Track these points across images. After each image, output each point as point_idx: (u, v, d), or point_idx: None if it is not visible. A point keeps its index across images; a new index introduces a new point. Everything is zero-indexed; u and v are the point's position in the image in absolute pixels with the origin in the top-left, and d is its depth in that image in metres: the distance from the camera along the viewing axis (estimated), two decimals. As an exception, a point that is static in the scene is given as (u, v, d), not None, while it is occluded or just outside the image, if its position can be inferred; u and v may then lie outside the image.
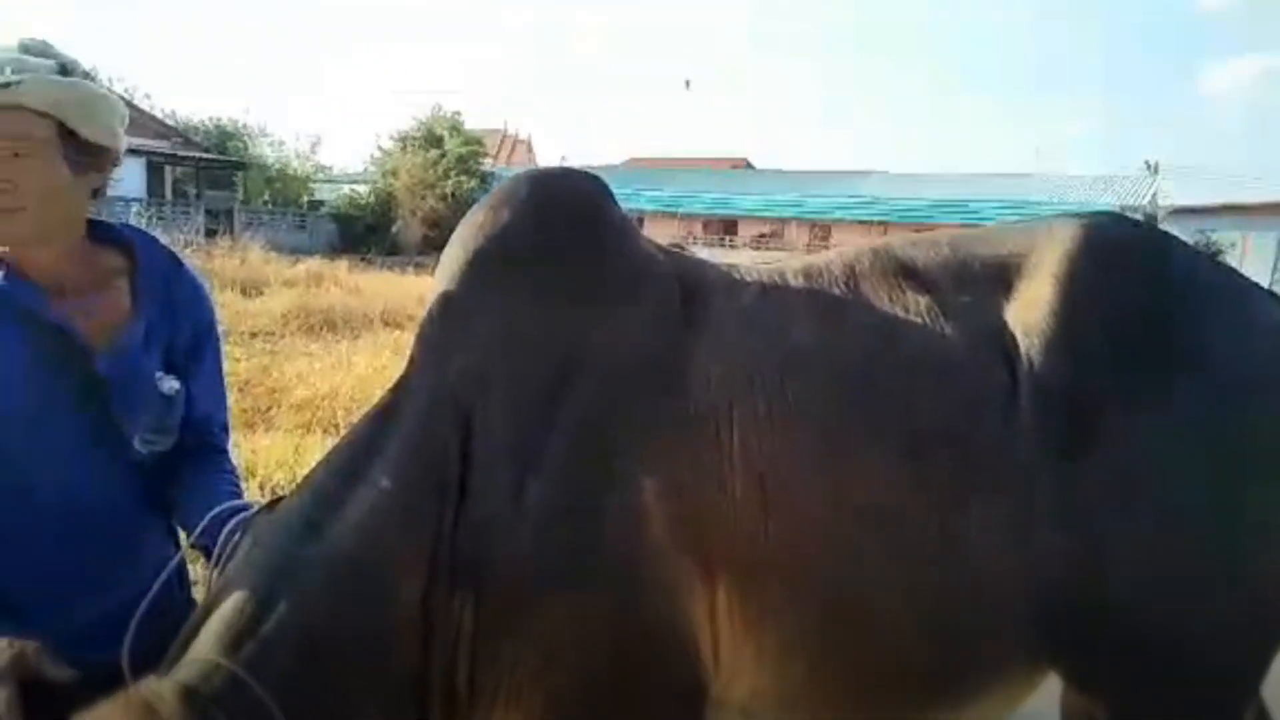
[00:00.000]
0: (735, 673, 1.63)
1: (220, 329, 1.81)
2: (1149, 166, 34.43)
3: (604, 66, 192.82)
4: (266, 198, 33.42)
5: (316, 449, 5.56)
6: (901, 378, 1.63)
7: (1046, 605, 1.58)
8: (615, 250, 1.73)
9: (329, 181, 38.48)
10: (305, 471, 1.72)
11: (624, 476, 1.51)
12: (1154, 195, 31.68)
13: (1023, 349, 1.61)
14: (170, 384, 1.63)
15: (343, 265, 19.36)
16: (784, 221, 35.79)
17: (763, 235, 35.23)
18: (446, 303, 1.68)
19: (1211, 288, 1.70)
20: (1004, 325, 1.65)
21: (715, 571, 1.55)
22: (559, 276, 1.67)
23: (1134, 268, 1.69)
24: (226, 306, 12.41)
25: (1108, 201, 31.13)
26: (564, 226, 1.73)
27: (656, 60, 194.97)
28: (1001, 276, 1.70)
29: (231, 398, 6.99)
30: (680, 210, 37.30)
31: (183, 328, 1.68)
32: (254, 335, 10.81)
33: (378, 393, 4.16)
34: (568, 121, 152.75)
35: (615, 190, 1.88)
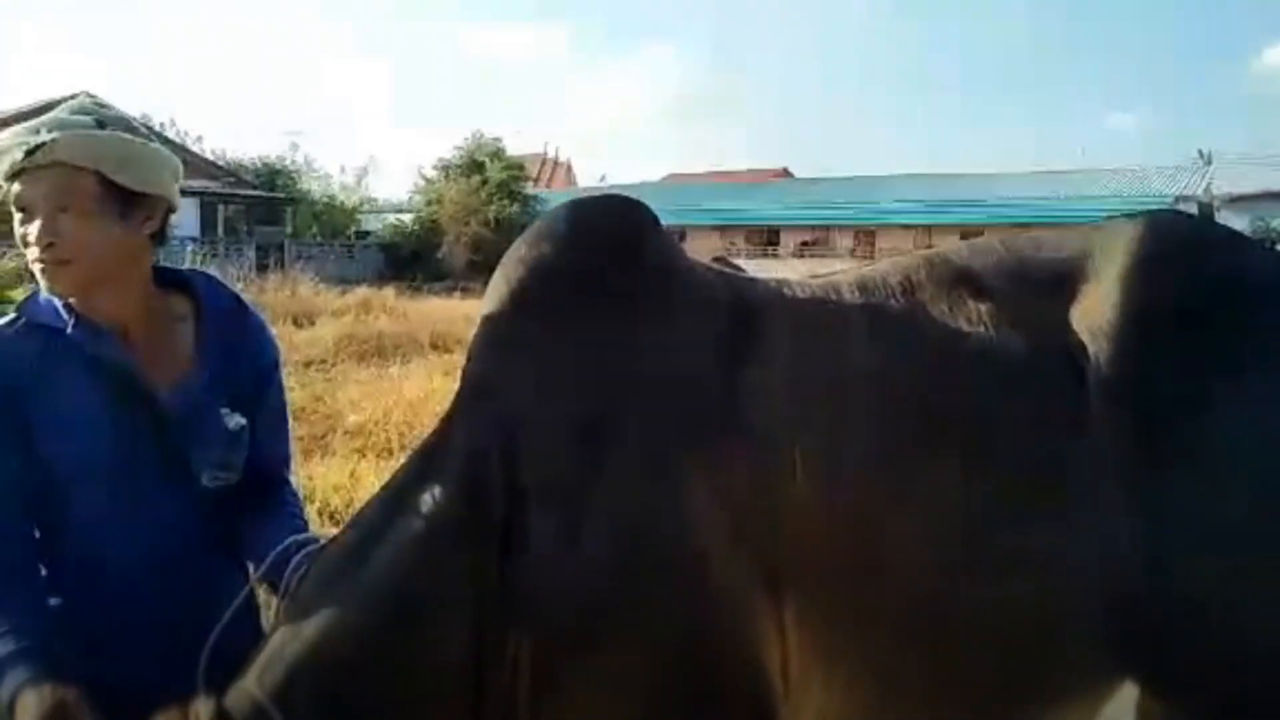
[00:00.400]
0: (804, 695, 1.59)
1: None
2: (1201, 156, 33.62)
3: (640, 89, 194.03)
4: (314, 230, 34.11)
5: (371, 473, 5.62)
6: (966, 389, 1.59)
7: (1127, 615, 1.52)
8: (657, 277, 1.70)
9: (375, 212, 39.25)
10: (362, 495, 1.74)
11: (676, 502, 1.49)
12: (1209, 185, 30.89)
13: (1091, 354, 1.56)
14: (236, 420, 1.67)
15: (390, 293, 19.67)
16: (828, 229, 35.55)
17: (806, 243, 35.00)
18: (489, 338, 1.67)
19: (1274, 276, 1.65)
20: (1070, 330, 1.60)
21: (781, 591, 1.51)
22: (601, 307, 1.64)
23: (1200, 266, 1.64)
24: (280, 338, 12.69)
25: (1162, 193, 30.39)
26: (604, 255, 1.70)
27: (692, 80, 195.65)
28: (1064, 280, 1.65)
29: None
30: (722, 223, 37.29)
31: (246, 367, 1.72)
32: (307, 365, 11.02)
33: (429, 416, 4.35)
34: (605, 142, 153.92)
35: (655, 207, 1.85)
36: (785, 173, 50.16)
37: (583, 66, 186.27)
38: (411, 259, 32.67)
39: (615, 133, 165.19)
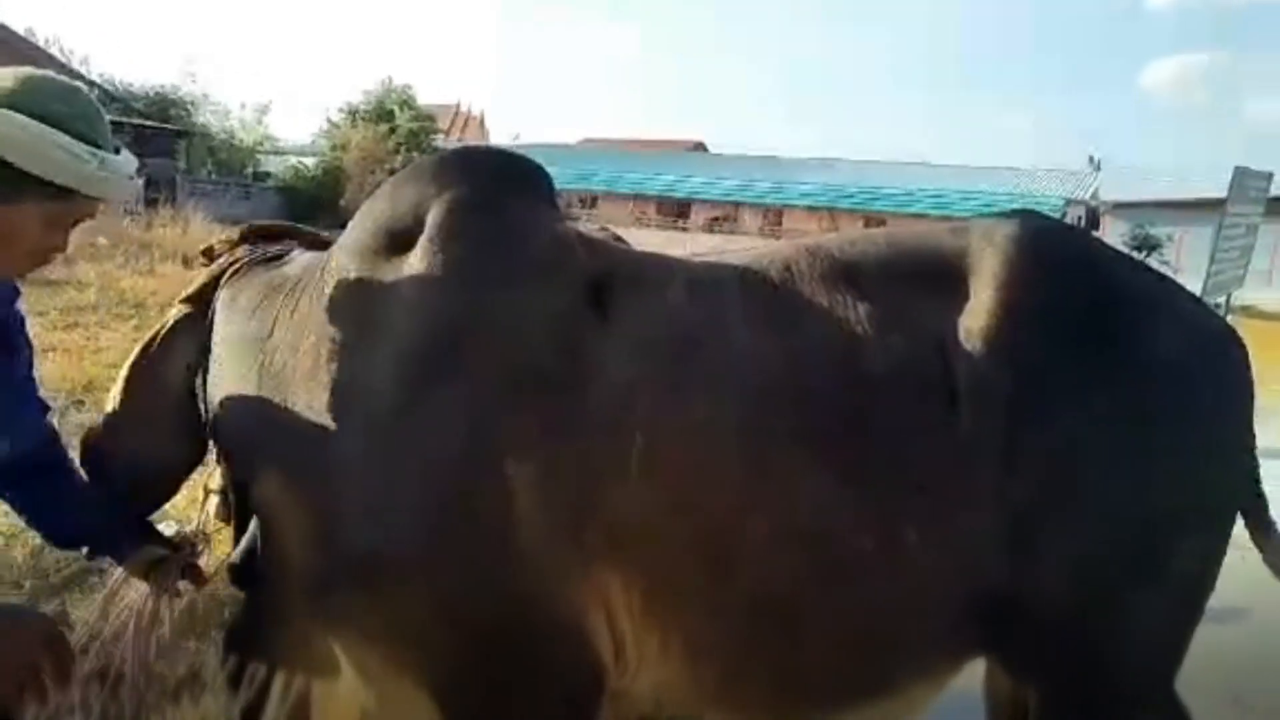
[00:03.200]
0: (641, 665, 1.65)
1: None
2: (1092, 162, 35.15)
3: (562, 45, 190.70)
4: (209, 167, 32.43)
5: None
6: (833, 384, 1.61)
7: (984, 603, 1.62)
8: (519, 238, 1.68)
9: (276, 153, 37.47)
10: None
11: (493, 465, 1.51)
12: (1096, 190, 32.38)
13: (963, 353, 1.62)
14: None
15: (288, 239, 18.76)
16: (737, 206, 35.85)
17: (716, 219, 35.24)
18: (339, 281, 1.70)
19: (1140, 292, 1.74)
20: (943, 329, 1.65)
21: (607, 566, 1.55)
22: (452, 262, 1.63)
23: (1069, 273, 1.72)
24: (168, 278, 12.02)
25: (1053, 194, 31.69)
26: (467, 210, 1.68)
27: (614, 40, 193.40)
28: (941, 279, 1.70)
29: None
30: (634, 192, 37.16)
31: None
32: (195, 307, 10.51)
33: None
34: (522, 100, 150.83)
35: (569, 170, 1.99)
36: (699, 146, 50.25)
37: (504, 21, 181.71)
38: (312, 204, 31.39)
39: (533, 92, 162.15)
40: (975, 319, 1.63)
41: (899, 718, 1.85)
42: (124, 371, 1.84)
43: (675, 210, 36.35)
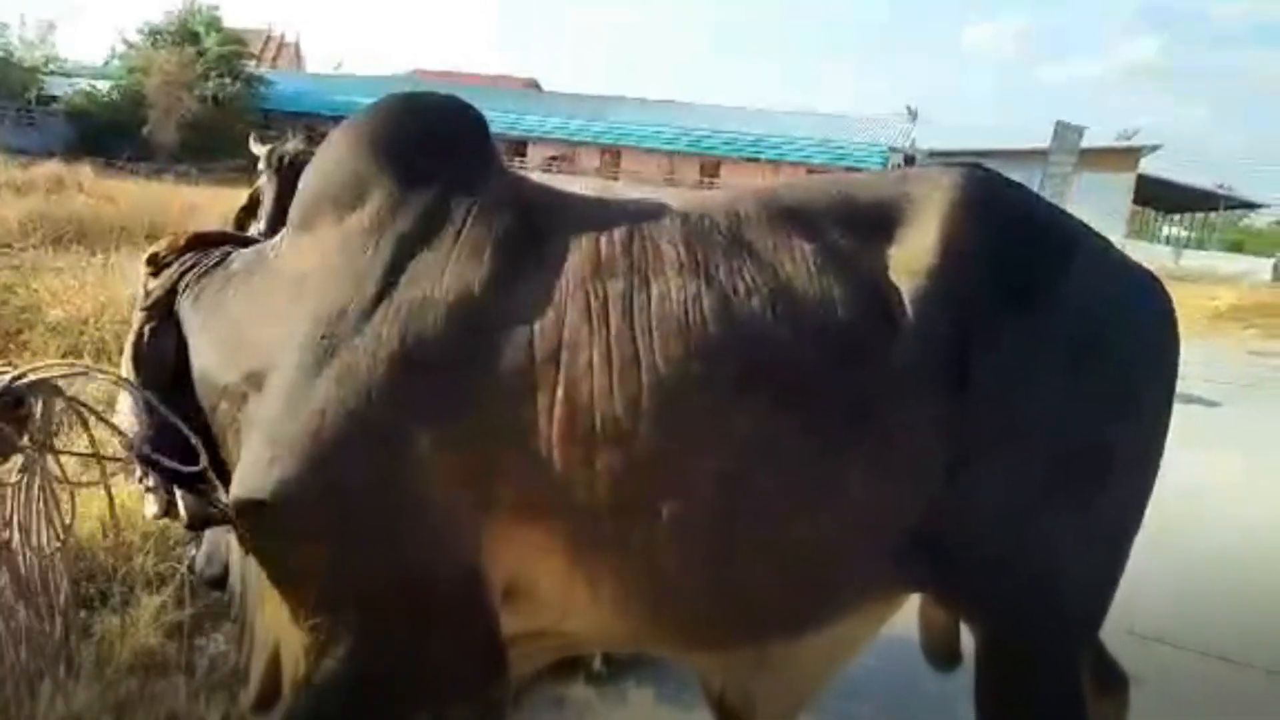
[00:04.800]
0: (569, 609, 1.66)
1: None
2: (910, 111, 37.03)
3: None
4: (-16, 89, 28.77)
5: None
6: (764, 321, 1.61)
7: (924, 536, 1.66)
8: (452, 180, 1.71)
9: (64, 75, 33.67)
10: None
11: (398, 411, 1.54)
12: (913, 139, 34.14)
13: (905, 289, 1.66)
14: None
15: (86, 170, 17.17)
16: (575, 145, 35.41)
17: (553, 158, 34.69)
18: (280, 254, 1.81)
19: (1073, 240, 1.82)
20: (888, 269, 1.69)
21: (523, 524, 1.57)
22: (383, 205, 1.68)
23: (1009, 218, 1.79)
24: (-56, 215, 10.71)
25: (876, 141, 33.17)
26: (408, 154, 1.74)
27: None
28: (885, 222, 1.74)
29: (-31, 316, 6.09)
30: (468, 128, 36.02)
31: None
32: (-15, 246, 9.41)
33: None
34: (340, 27, 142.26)
35: None
36: (532, 84, 49.18)
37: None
38: (109, 131, 28.52)
39: (352, 19, 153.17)
40: (919, 258, 1.68)
41: (837, 654, 1.90)
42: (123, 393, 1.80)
43: (512, 149, 35.50)
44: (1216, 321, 16.21)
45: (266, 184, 3.50)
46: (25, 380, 1.63)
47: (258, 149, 3.82)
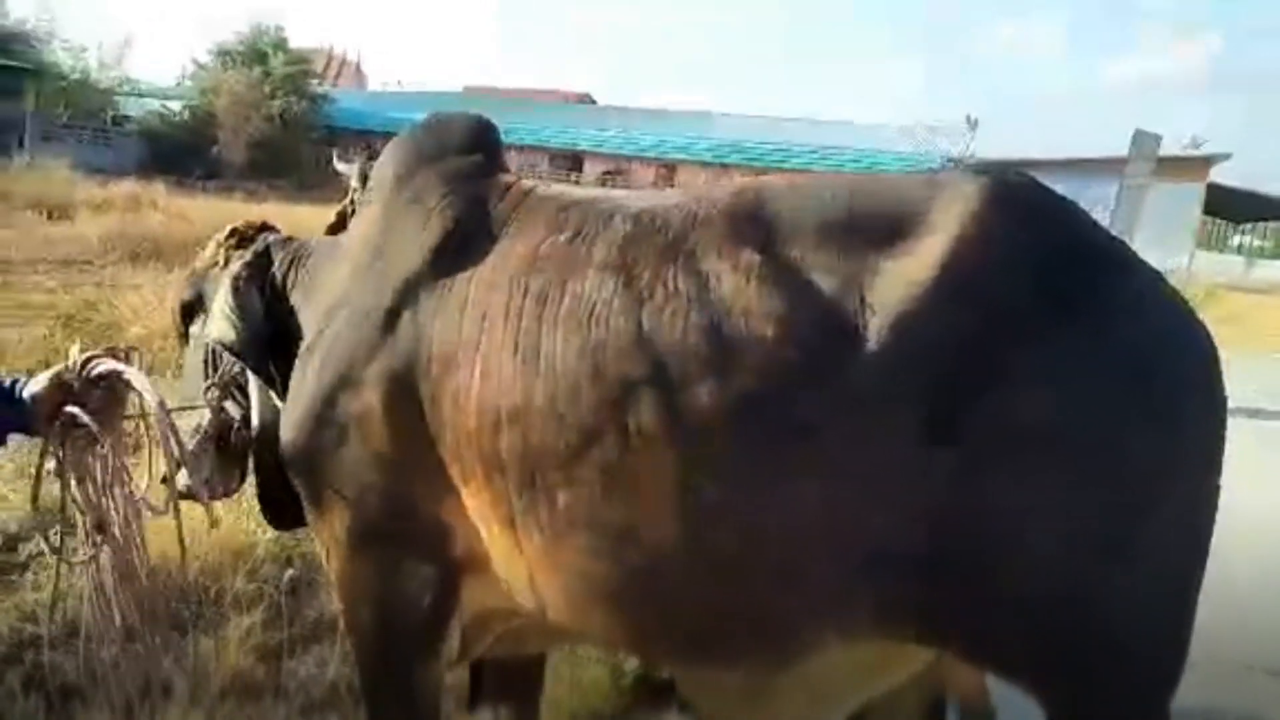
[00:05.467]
0: (515, 584, 1.75)
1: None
2: (969, 120, 36.39)
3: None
4: (62, 110, 29.85)
5: (170, 394, 5.03)
6: (682, 330, 1.54)
7: (916, 573, 1.49)
8: (443, 176, 1.92)
9: (138, 96, 34.87)
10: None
11: (361, 387, 1.78)
12: (973, 150, 33.59)
13: (885, 308, 1.48)
14: None
15: (160, 188, 17.72)
16: (629, 159, 35.57)
17: (609, 173, 34.87)
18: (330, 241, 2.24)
19: (1109, 257, 1.58)
20: (866, 284, 1.51)
21: (462, 480, 1.71)
22: (388, 195, 1.97)
23: (1034, 233, 1.55)
24: (28, 231, 11.14)
25: (933, 151, 32.73)
26: (413, 157, 2.00)
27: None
28: (884, 231, 1.55)
29: (58, 334, 6.29)
30: (525, 143, 36.40)
31: None
32: (67, 263, 9.75)
33: None
34: (399, 44, 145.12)
35: None
36: (586, 98, 49.55)
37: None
38: (180, 151, 29.44)
39: (409, 37, 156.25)
40: (912, 273, 1.49)
41: (829, 696, 1.76)
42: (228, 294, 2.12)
43: (568, 163, 35.79)
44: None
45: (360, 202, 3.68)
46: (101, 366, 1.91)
47: (343, 168, 3.98)
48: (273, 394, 2.03)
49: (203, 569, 2.99)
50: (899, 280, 1.49)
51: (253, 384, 2.10)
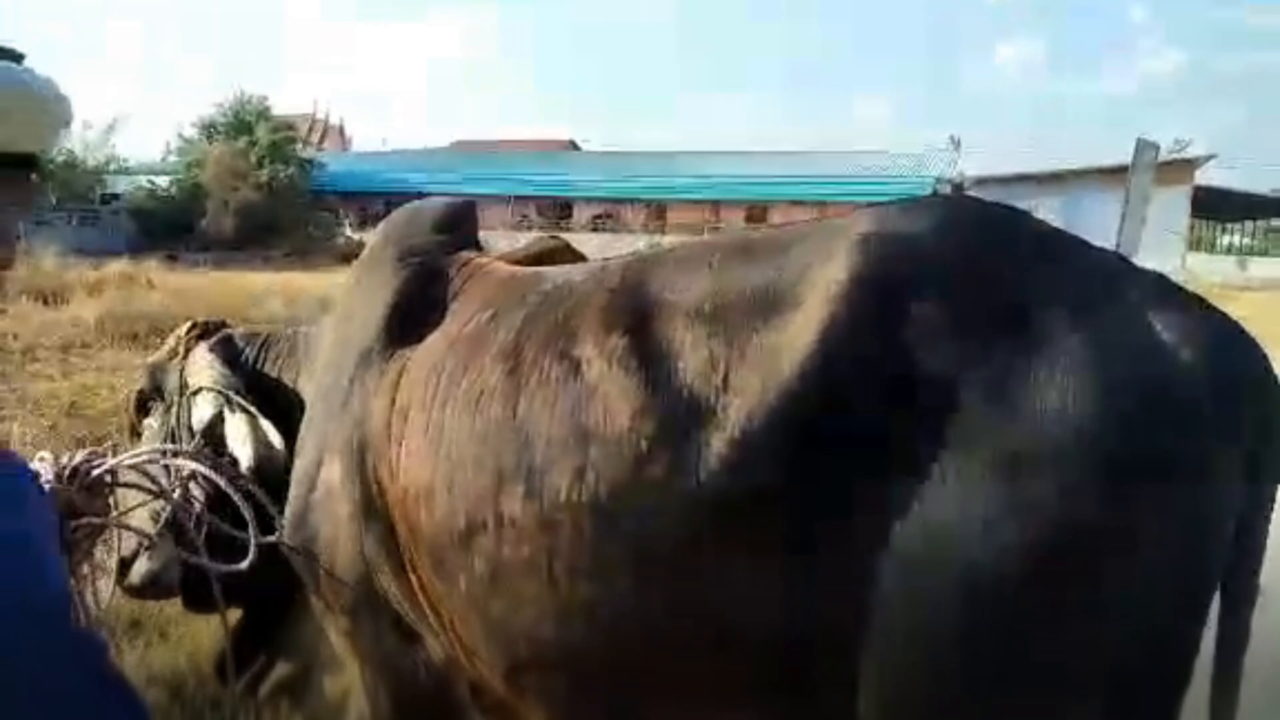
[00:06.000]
0: (455, 652, 1.76)
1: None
2: (953, 141, 36.73)
3: (419, 54, 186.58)
4: (51, 193, 29.85)
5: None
6: (542, 422, 1.49)
7: (790, 659, 1.33)
8: (407, 254, 1.98)
9: (125, 173, 35.03)
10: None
11: (325, 459, 1.86)
12: (960, 170, 33.87)
13: (757, 395, 1.31)
14: None
15: (152, 265, 17.68)
16: (619, 203, 35.70)
17: (599, 217, 35.02)
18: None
19: (1056, 274, 1.31)
20: (746, 363, 1.34)
21: (402, 546, 1.73)
22: (360, 281, 2.06)
23: (929, 288, 1.30)
24: (24, 319, 10.99)
25: (925, 174, 33.00)
26: (382, 241, 2.09)
27: (473, 45, 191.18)
28: (761, 302, 1.38)
29: (61, 424, 6.12)
30: (512, 193, 36.56)
31: None
32: (65, 349, 9.59)
33: None
34: (384, 105, 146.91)
35: (443, 175, 3.31)
36: (571, 144, 49.94)
37: (355, 25, 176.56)
38: (169, 226, 29.47)
39: (390, 97, 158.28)
40: (774, 351, 1.33)
41: None
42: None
43: (557, 210, 35.92)
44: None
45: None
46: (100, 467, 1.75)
47: (359, 236, 4.31)
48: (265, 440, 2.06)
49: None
50: (761, 361, 1.33)
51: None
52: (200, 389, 2.13)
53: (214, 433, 2.08)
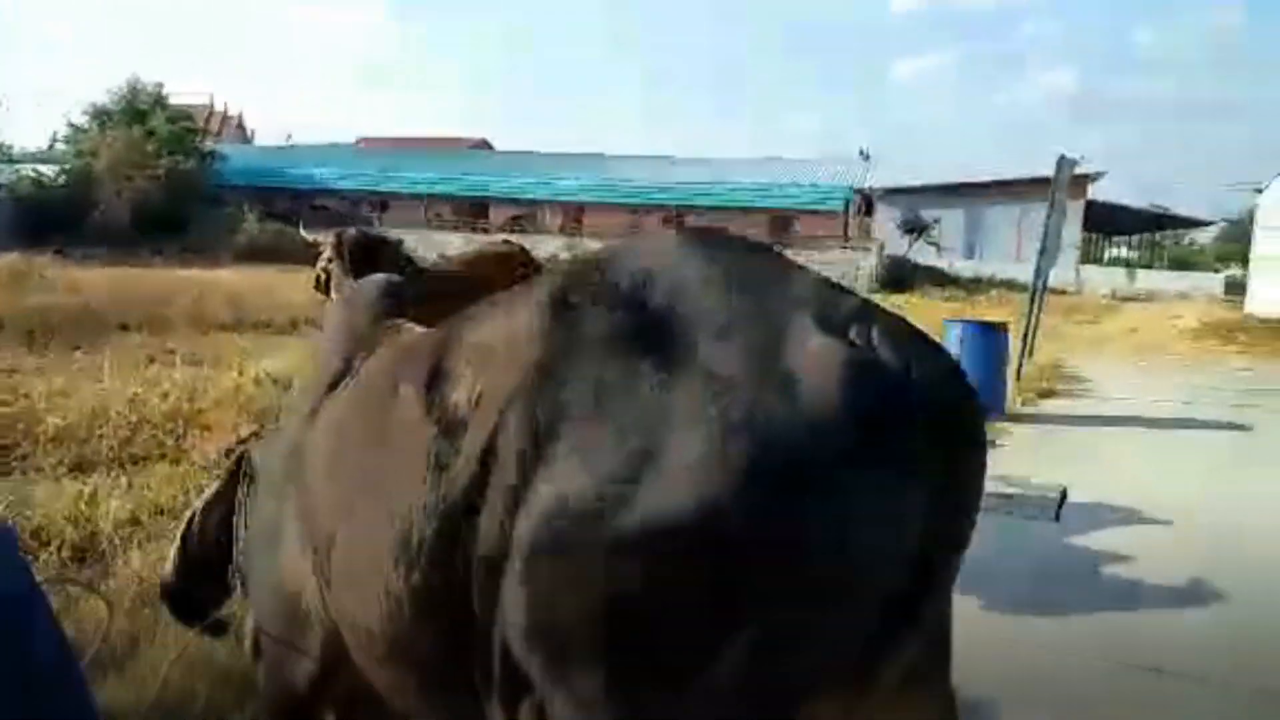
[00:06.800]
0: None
1: None
2: (863, 154, 37.65)
3: (317, 49, 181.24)
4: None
5: (112, 493, 4.50)
6: (365, 475, 1.72)
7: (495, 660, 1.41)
8: (344, 329, 2.26)
9: (8, 161, 32.89)
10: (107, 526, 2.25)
11: (285, 502, 2.03)
12: (869, 179, 34.72)
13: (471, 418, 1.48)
14: None
15: (45, 260, 16.66)
16: (536, 204, 35.36)
17: (516, 218, 34.57)
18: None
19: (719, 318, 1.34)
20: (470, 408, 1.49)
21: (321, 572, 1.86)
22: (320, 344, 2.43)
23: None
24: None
25: (835, 183, 33.73)
26: (343, 308, 2.43)
27: (380, 40, 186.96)
28: (498, 349, 1.51)
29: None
30: (426, 193, 35.82)
31: None
32: (-51, 349, 8.89)
33: (156, 416, 5.84)
34: (287, 98, 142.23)
35: (353, 173, 3.15)
36: (484, 144, 49.23)
37: (249, 16, 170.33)
38: (57, 218, 27.68)
39: (290, 90, 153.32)
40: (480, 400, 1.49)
41: None
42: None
43: (472, 210, 35.34)
44: (1196, 342, 16.47)
45: (336, 265, 3.94)
46: None
47: (311, 236, 4.30)
48: None
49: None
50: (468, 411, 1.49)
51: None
52: None
53: None
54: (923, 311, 20.66)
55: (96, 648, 2.26)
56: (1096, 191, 32.34)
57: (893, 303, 22.68)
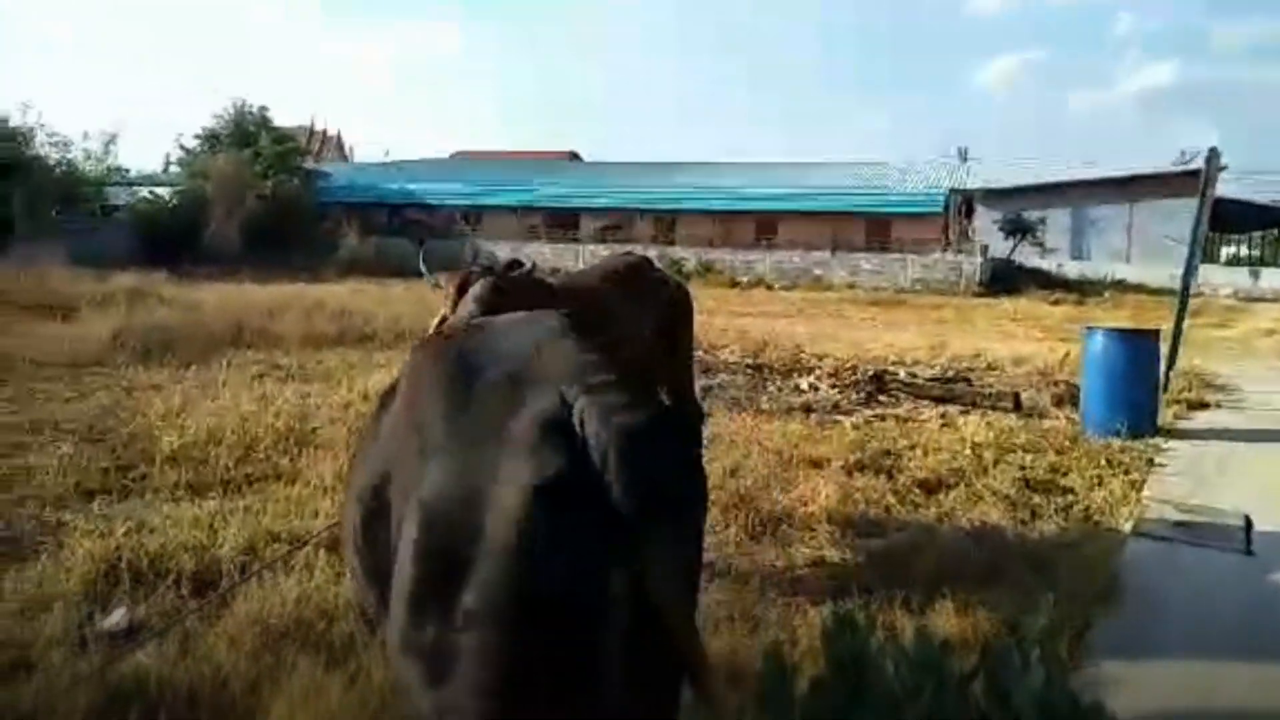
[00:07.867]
0: None
1: None
2: (960, 153, 36.42)
3: (414, 59, 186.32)
4: (51, 205, 29.19)
5: (233, 519, 4.36)
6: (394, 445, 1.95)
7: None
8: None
9: (126, 184, 34.46)
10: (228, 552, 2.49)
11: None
12: (967, 179, 33.49)
13: None
14: None
15: (161, 278, 17.21)
16: (629, 214, 35.24)
17: (607, 228, 34.55)
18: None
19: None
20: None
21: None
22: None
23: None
24: (30, 335, 10.49)
25: (931, 185, 32.63)
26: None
27: (470, 56, 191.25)
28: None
29: (83, 452, 5.60)
30: (519, 204, 36.11)
31: None
32: (76, 366, 9.09)
33: (273, 433, 5.87)
34: (384, 116, 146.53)
35: (449, 186, 3.45)
36: (574, 156, 49.55)
37: (336, 36, 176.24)
38: (172, 238, 28.79)
39: (391, 108, 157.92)
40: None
41: None
42: None
43: (564, 221, 35.45)
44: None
45: (450, 308, 3.83)
46: None
47: (432, 281, 4.15)
48: None
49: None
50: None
51: None
52: None
53: None
54: (1032, 317, 19.71)
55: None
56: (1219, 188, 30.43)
57: (1000, 309, 21.53)
